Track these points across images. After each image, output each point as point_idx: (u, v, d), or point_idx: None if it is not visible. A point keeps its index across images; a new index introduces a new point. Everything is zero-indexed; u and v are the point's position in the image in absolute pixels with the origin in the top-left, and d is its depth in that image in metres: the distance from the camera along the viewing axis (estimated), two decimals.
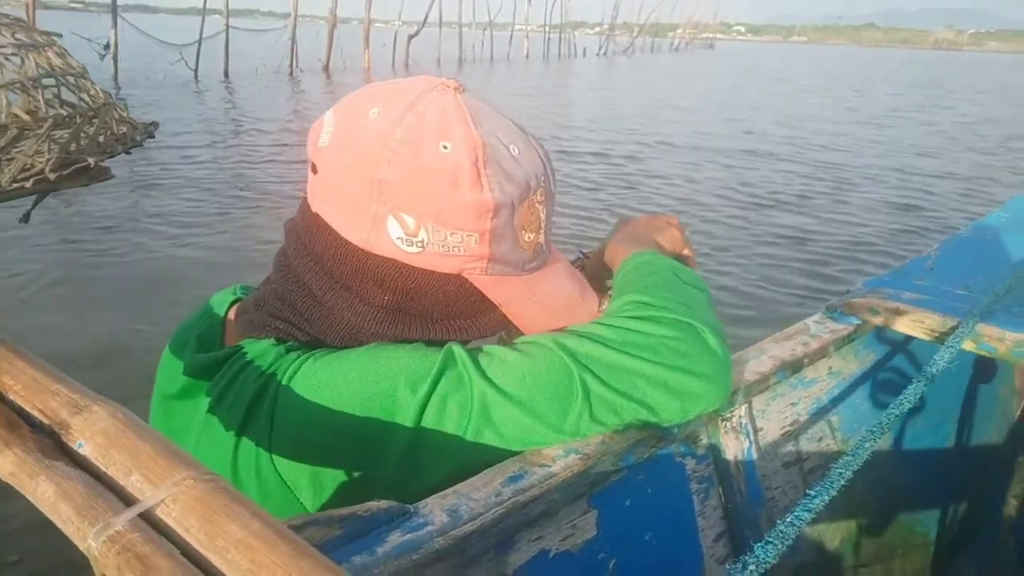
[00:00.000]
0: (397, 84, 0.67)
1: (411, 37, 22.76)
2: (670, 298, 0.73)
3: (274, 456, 0.63)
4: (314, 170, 0.66)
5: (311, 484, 0.63)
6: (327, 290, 0.67)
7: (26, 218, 0.84)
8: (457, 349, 0.66)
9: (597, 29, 57.46)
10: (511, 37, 33.45)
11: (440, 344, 0.67)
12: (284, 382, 0.63)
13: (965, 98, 21.18)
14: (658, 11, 51.81)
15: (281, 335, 0.68)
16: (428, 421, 0.62)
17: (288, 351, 0.66)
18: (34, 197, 0.79)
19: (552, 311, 0.72)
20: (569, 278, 0.75)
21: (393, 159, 0.61)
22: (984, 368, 1.40)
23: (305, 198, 0.69)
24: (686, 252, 0.89)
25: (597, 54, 40.99)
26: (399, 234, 0.62)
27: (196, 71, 15.63)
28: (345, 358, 0.64)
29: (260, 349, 0.66)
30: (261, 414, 0.63)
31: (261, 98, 13.06)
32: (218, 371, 0.67)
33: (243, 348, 0.68)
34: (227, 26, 16.60)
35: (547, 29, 35.71)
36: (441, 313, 0.68)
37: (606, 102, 15.38)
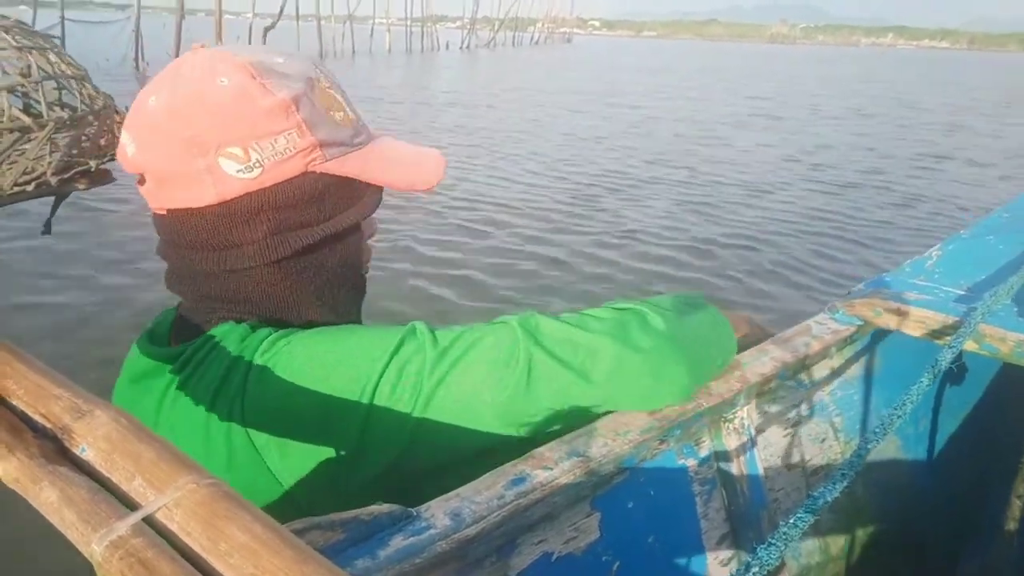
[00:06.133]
0: (158, 74, 0.72)
1: (267, 30, 21.72)
2: (660, 309, 0.79)
3: (247, 426, 0.65)
4: (141, 181, 0.71)
5: (278, 449, 0.65)
6: (223, 261, 0.71)
7: (47, 228, 0.84)
8: (420, 324, 0.70)
9: (459, 23, 57.26)
10: (372, 30, 32.94)
11: (345, 243, 0.75)
12: (258, 357, 0.66)
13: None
14: (517, 6, 51.60)
15: (236, 318, 0.72)
16: (384, 390, 0.65)
17: (254, 329, 0.70)
18: (51, 207, 0.79)
19: (399, 165, 0.78)
20: (392, 142, 0.81)
21: (187, 116, 0.66)
22: (986, 368, 1.40)
23: (153, 213, 0.74)
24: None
25: (460, 48, 41.11)
26: (236, 167, 0.67)
27: None
28: (319, 337, 0.68)
29: (224, 330, 0.70)
30: (232, 386, 0.66)
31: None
32: (179, 357, 0.71)
33: (208, 333, 0.71)
34: (63, 18, 15.86)
35: (409, 23, 35.30)
36: (318, 214, 0.73)
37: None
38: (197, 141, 0.66)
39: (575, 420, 0.75)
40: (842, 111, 14.77)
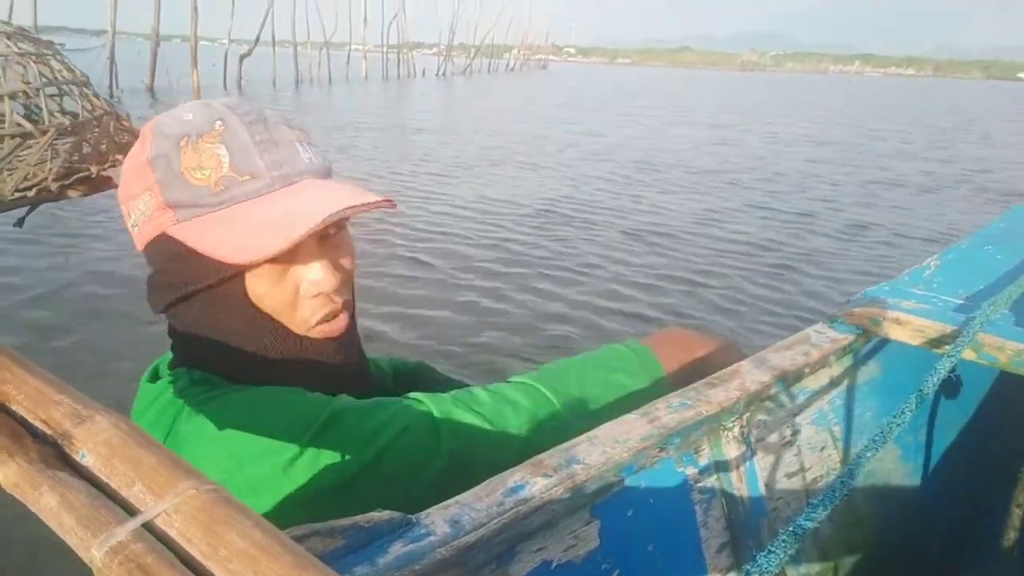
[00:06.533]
0: None
1: (243, 57, 21.94)
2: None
3: None
4: None
5: None
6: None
7: (20, 223, 0.84)
8: (340, 405, 0.71)
9: (435, 50, 56.90)
10: (348, 57, 32.70)
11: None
12: (179, 423, 0.70)
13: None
14: (493, 33, 51.74)
15: (184, 365, 0.78)
16: (300, 473, 0.67)
17: (179, 392, 0.73)
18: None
19: (252, 227, 0.68)
20: (307, 195, 0.72)
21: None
22: (985, 377, 1.40)
23: None
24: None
25: (436, 75, 41.17)
26: (129, 223, 0.73)
27: None
28: (228, 417, 0.69)
29: (157, 391, 0.75)
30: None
31: None
32: (142, 402, 0.77)
33: (148, 387, 0.77)
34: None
35: (385, 50, 35.15)
36: (186, 273, 0.72)
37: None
38: (120, 194, 0.74)
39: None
40: (798, 137, 14.88)
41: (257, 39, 22.69)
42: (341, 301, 0.77)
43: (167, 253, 0.71)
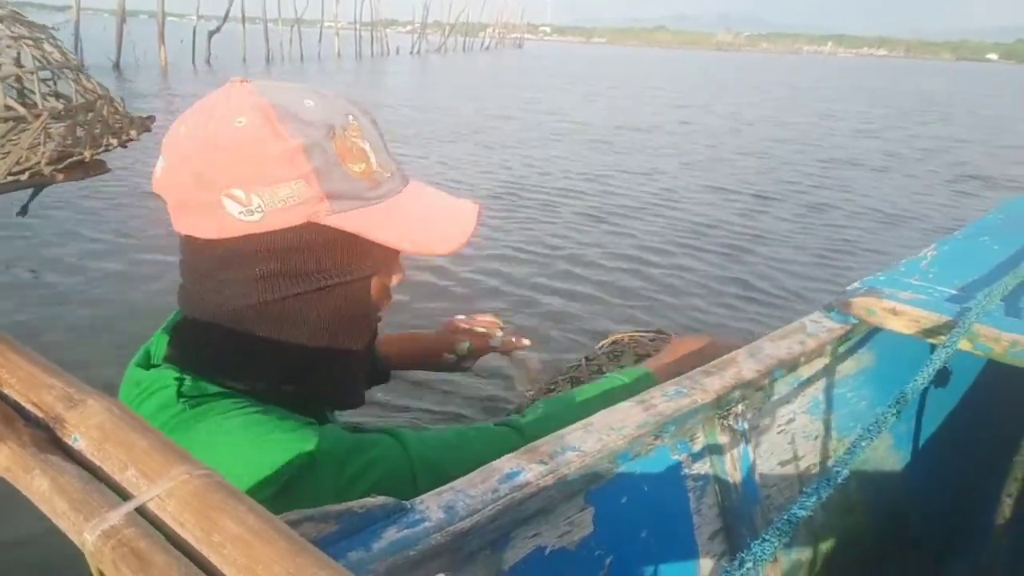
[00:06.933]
0: (194, 105, 0.73)
1: (212, 33, 21.17)
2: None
3: None
4: (164, 202, 0.73)
5: None
6: (214, 291, 0.72)
7: (24, 211, 0.84)
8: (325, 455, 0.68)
9: (409, 28, 55.51)
10: (320, 35, 31.64)
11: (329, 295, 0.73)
12: (172, 429, 0.68)
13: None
14: (468, 11, 50.77)
15: (181, 364, 0.74)
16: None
17: (178, 396, 0.70)
18: (31, 190, 0.79)
19: (421, 222, 0.74)
20: (433, 191, 0.79)
21: (202, 151, 0.67)
22: (980, 368, 1.40)
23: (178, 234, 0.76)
24: None
25: (411, 53, 40.24)
26: (238, 209, 0.67)
27: None
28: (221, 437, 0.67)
29: (158, 384, 0.72)
30: None
31: None
32: (136, 388, 0.73)
33: (151, 376, 0.73)
34: None
35: (358, 27, 34.06)
36: (317, 265, 0.72)
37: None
38: (206, 177, 0.67)
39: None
40: (759, 117, 14.80)
41: (226, 15, 22.01)
42: None
43: (306, 243, 0.70)
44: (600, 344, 1.64)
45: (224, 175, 0.66)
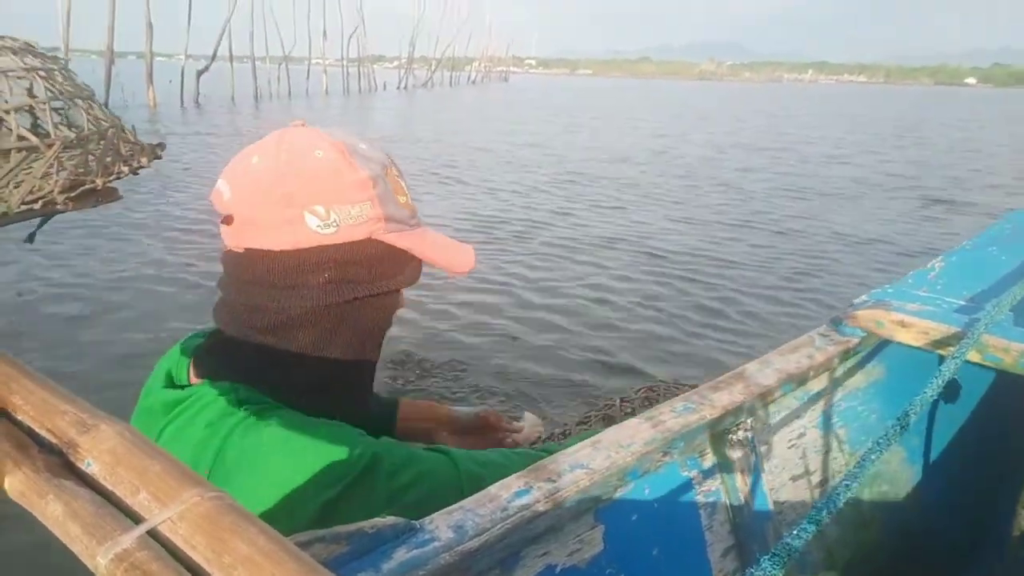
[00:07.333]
0: (260, 141, 0.86)
1: (200, 73, 21.36)
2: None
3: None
4: (228, 222, 0.82)
5: None
6: (281, 298, 0.81)
7: (31, 239, 0.85)
8: (382, 462, 0.74)
9: (396, 63, 56.00)
10: (308, 72, 31.87)
11: (383, 300, 0.85)
12: (232, 439, 0.74)
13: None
14: (454, 45, 50.97)
15: (222, 380, 0.81)
16: (340, 507, 0.71)
17: (239, 403, 0.77)
18: (40, 218, 0.80)
19: (444, 248, 0.91)
20: (439, 233, 0.94)
21: (287, 174, 0.79)
22: (990, 379, 1.39)
23: (225, 250, 0.86)
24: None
25: (397, 88, 40.47)
26: (316, 223, 0.79)
27: None
28: (288, 444, 0.74)
29: (212, 394, 0.79)
30: (208, 453, 0.74)
31: None
32: (176, 405, 0.80)
33: (198, 390, 0.80)
34: None
35: (345, 63, 34.23)
36: (369, 274, 0.83)
37: None
38: (290, 197, 0.78)
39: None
40: (734, 144, 14.73)
41: (214, 55, 22.13)
42: None
43: (366, 255, 0.82)
44: (638, 389, 1.71)
45: (307, 194, 0.78)
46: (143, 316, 4.08)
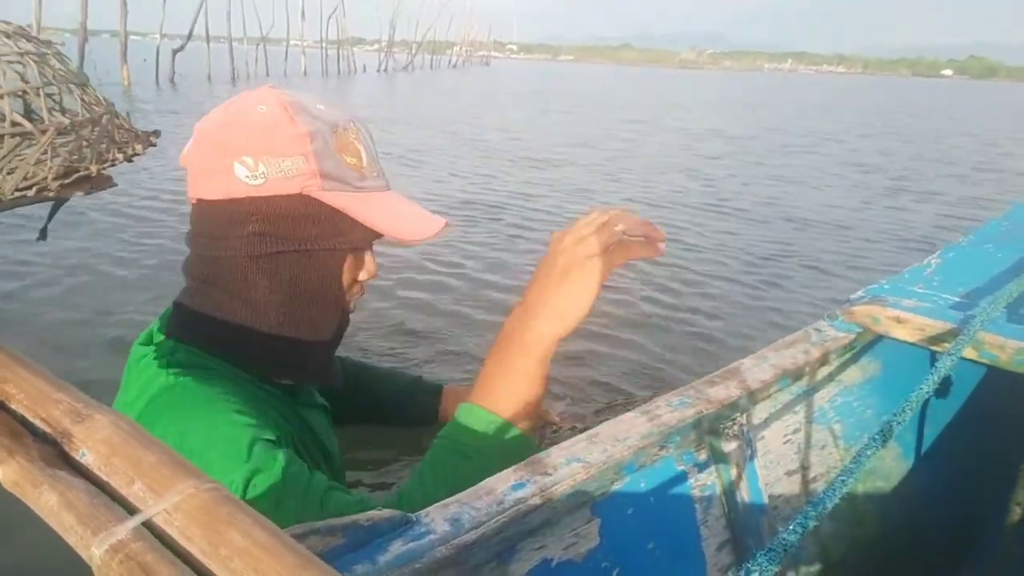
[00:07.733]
0: (234, 96, 0.89)
1: (176, 51, 20.97)
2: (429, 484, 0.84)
3: None
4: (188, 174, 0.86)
5: None
6: (212, 248, 0.83)
7: (43, 235, 0.84)
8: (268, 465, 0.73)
9: (376, 46, 56.24)
10: (286, 53, 31.13)
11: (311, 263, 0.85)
12: (150, 397, 0.78)
13: None
14: (435, 29, 50.46)
15: (177, 333, 0.86)
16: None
17: (166, 367, 0.80)
18: (48, 212, 0.80)
19: (394, 215, 0.88)
20: (408, 200, 0.92)
21: (227, 125, 0.82)
22: (985, 376, 1.40)
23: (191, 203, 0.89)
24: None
25: (377, 71, 39.60)
26: (245, 173, 0.80)
27: None
28: (184, 419, 0.75)
29: (149, 358, 0.82)
30: (133, 409, 0.78)
31: None
32: (139, 363, 0.84)
33: (153, 350, 0.84)
34: None
35: (324, 45, 33.65)
36: (300, 231, 0.83)
37: None
38: (224, 146, 0.80)
39: None
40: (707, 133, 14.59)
41: (190, 34, 21.65)
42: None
43: (297, 210, 0.82)
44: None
45: (238, 144, 0.80)
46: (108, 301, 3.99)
